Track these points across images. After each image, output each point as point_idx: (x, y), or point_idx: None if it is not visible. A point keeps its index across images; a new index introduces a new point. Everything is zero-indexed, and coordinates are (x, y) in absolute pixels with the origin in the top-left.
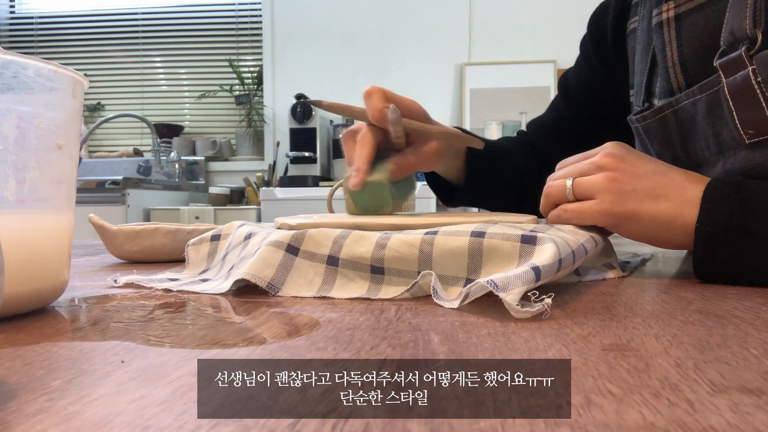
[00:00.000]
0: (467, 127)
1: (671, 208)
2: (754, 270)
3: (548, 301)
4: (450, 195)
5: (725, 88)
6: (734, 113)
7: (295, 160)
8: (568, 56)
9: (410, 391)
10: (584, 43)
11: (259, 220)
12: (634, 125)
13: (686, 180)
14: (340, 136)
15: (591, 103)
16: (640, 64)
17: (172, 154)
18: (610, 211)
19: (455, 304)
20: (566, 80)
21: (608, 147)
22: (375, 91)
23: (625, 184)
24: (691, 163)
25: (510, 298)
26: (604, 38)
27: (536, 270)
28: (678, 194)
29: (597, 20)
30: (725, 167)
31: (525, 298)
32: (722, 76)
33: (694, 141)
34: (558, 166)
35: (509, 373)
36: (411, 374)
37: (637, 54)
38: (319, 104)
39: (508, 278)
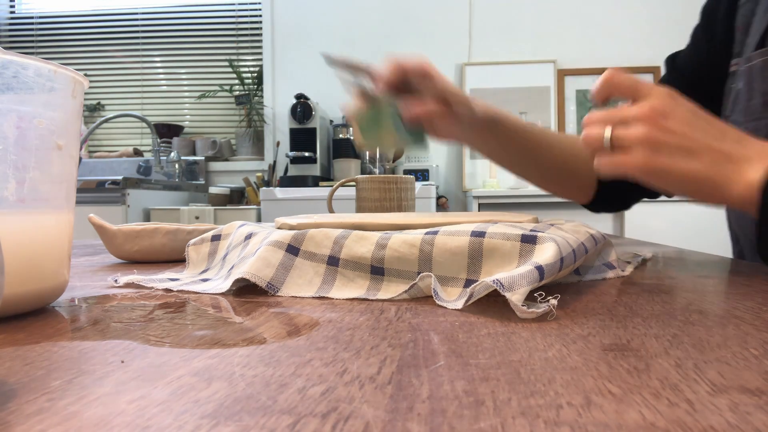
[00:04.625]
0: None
1: (701, 170)
2: None
3: (554, 302)
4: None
5: None
6: None
7: (295, 160)
8: (568, 56)
9: (410, 391)
10: (696, 31)
11: (259, 220)
12: (749, 64)
13: (721, 141)
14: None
15: (698, 82)
16: (758, 23)
17: (172, 154)
18: (643, 167)
19: (459, 305)
20: (673, 60)
21: (654, 97)
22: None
23: (661, 140)
24: None
25: (516, 297)
26: (715, 20)
27: (539, 269)
28: (710, 158)
29: (709, 5)
30: None
31: (531, 299)
32: None
33: None
34: (606, 79)
35: (509, 373)
36: (411, 374)
37: (756, 17)
38: (332, 60)
39: (513, 278)
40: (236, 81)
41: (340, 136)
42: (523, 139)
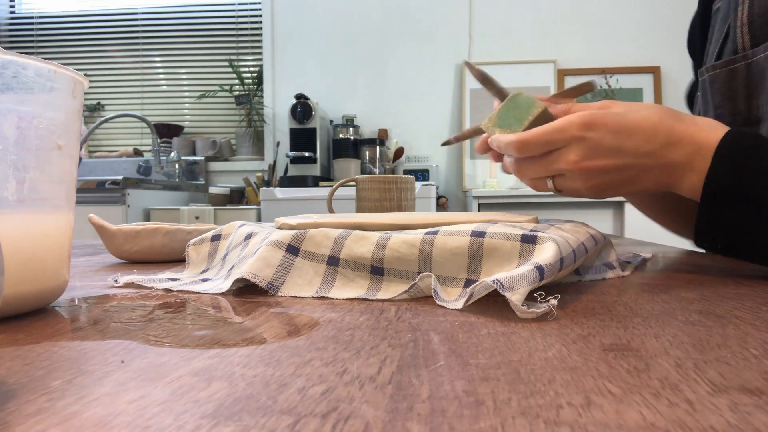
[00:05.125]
0: (467, 127)
1: (649, 188)
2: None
3: (554, 302)
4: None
5: None
6: None
7: (295, 160)
8: (568, 56)
9: (410, 391)
10: (694, 67)
11: (259, 220)
12: (702, 78)
13: (653, 149)
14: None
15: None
16: (716, 33)
17: (172, 154)
18: (595, 199)
19: (459, 305)
20: (691, 98)
21: (571, 143)
22: None
23: (599, 185)
24: (750, 118)
25: (516, 297)
26: (694, 34)
27: (539, 269)
28: (650, 178)
29: (691, 23)
30: None
31: (531, 299)
32: None
33: (759, 95)
34: (520, 144)
35: (509, 373)
36: (411, 374)
37: (717, 25)
38: (450, 142)
39: (513, 278)
40: (236, 81)
41: (340, 136)
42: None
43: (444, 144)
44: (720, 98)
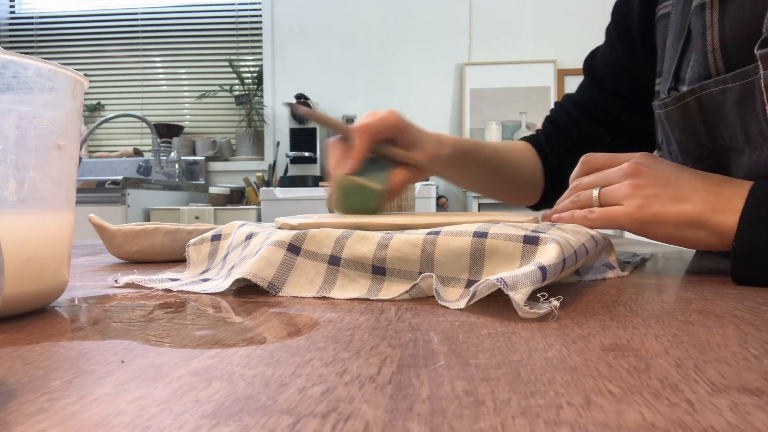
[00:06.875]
0: (467, 127)
1: (693, 211)
2: None
3: (556, 303)
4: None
5: (761, 80)
6: (766, 107)
7: (295, 160)
8: (568, 56)
9: (410, 391)
10: (608, 30)
11: (259, 220)
12: (657, 111)
13: (707, 184)
14: (328, 141)
15: (616, 87)
16: (670, 50)
17: (172, 154)
18: (634, 215)
19: (461, 305)
20: (591, 64)
21: (635, 157)
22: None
23: (648, 190)
24: (717, 148)
25: (519, 297)
26: (629, 25)
27: (543, 269)
28: (699, 198)
29: (621, 7)
30: (751, 158)
31: (533, 299)
32: (761, 67)
33: (720, 127)
34: (584, 162)
35: (509, 373)
36: (411, 374)
37: (668, 40)
38: (298, 110)
39: (516, 277)
40: (236, 81)
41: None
42: (486, 162)
43: (292, 112)
44: (680, 133)
